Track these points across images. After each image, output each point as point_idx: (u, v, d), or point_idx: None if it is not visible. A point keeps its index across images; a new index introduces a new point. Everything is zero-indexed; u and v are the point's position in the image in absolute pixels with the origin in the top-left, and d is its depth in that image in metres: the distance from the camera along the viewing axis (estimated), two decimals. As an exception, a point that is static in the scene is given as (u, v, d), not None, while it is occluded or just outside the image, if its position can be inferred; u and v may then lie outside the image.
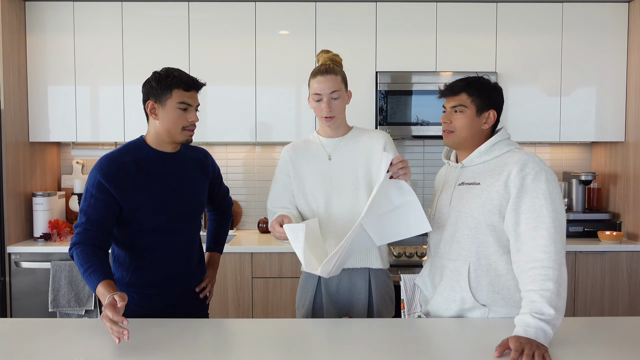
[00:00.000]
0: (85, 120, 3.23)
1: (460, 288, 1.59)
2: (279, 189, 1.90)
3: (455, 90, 1.67)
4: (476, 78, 1.68)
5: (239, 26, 3.22)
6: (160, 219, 1.70)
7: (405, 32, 3.23)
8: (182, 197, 1.76)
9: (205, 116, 3.24)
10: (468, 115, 1.64)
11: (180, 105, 1.68)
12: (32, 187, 3.28)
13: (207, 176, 1.90)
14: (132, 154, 1.71)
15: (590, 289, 3.06)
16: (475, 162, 1.65)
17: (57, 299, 2.92)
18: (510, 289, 1.57)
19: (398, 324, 1.58)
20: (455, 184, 1.68)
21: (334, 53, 1.89)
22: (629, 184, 3.23)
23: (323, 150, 1.88)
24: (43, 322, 1.59)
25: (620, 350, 1.34)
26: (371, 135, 1.88)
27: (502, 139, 1.64)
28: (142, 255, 1.72)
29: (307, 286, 1.88)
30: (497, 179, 1.56)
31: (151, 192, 1.68)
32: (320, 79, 1.79)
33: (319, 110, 1.82)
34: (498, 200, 1.55)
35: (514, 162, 1.55)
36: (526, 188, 1.50)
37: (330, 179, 1.84)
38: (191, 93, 1.71)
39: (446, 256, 1.64)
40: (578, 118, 3.26)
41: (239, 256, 3.01)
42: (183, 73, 1.71)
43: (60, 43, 3.21)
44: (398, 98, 3.18)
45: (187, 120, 1.70)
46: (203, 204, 1.88)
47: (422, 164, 3.64)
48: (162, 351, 1.34)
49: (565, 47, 3.24)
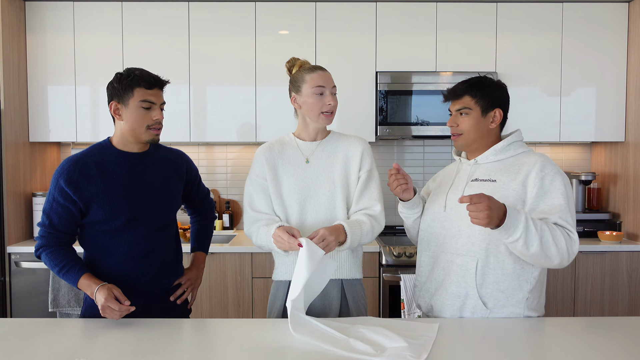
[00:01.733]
0: (85, 120, 3.23)
1: (466, 284, 1.59)
2: (258, 193, 1.79)
3: (458, 93, 1.68)
4: (478, 78, 1.69)
5: (239, 26, 3.22)
6: (120, 219, 1.68)
7: (405, 32, 3.23)
8: (146, 197, 1.72)
9: (205, 116, 3.24)
10: (474, 117, 1.66)
11: (142, 103, 1.67)
12: (32, 187, 3.28)
13: (180, 177, 1.86)
14: (95, 155, 1.71)
15: (590, 289, 3.06)
16: (490, 160, 1.67)
17: (57, 299, 2.92)
18: (514, 288, 1.58)
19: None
20: (467, 179, 1.68)
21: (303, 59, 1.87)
22: (629, 184, 3.23)
23: (300, 153, 1.80)
24: (43, 322, 1.59)
25: (620, 350, 1.34)
26: (349, 141, 1.82)
27: (517, 139, 1.68)
28: (104, 256, 1.71)
29: (278, 294, 1.78)
30: (515, 177, 1.59)
31: (111, 193, 1.67)
32: (320, 73, 1.74)
33: (319, 105, 1.74)
34: (514, 199, 1.57)
35: (532, 162, 1.59)
36: (545, 189, 1.55)
37: (307, 184, 1.76)
38: (154, 91, 1.70)
39: (453, 251, 1.64)
40: (578, 118, 3.26)
41: (239, 256, 3.01)
42: (144, 71, 1.70)
43: (60, 43, 3.21)
44: (398, 98, 3.18)
45: (151, 118, 1.69)
46: (173, 204, 1.83)
47: (422, 164, 3.64)
48: (163, 351, 1.34)
49: (565, 47, 3.24)
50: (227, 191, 3.65)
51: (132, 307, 1.56)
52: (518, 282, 1.58)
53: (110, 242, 1.71)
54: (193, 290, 1.91)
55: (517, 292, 1.58)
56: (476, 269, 1.58)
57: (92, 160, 1.70)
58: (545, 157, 1.62)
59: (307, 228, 1.74)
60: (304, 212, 1.75)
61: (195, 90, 3.24)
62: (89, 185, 1.66)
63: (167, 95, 3.18)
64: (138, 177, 1.73)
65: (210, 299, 3.01)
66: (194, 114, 3.24)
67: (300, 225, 1.75)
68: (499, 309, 1.59)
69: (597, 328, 1.52)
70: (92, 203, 1.66)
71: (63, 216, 1.66)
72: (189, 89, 3.23)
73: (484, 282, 1.59)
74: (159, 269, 1.78)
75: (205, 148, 3.64)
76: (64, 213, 1.66)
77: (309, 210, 1.75)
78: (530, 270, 1.59)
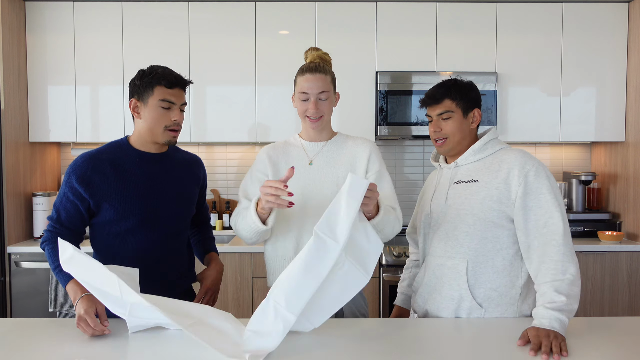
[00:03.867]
0: (85, 120, 3.23)
1: (459, 286, 1.60)
2: (255, 185, 1.73)
3: (438, 97, 1.66)
4: (454, 81, 1.68)
5: (239, 26, 3.22)
6: (130, 221, 1.64)
7: (405, 32, 3.23)
8: (160, 200, 1.68)
9: (205, 116, 3.24)
10: (456, 120, 1.66)
11: (162, 103, 1.60)
12: (32, 187, 3.28)
13: (197, 182, 1.83)
14: (111, 153, 1.66)
15: (590, 289, 3.06)
16: (470, 160, 1.67)
17: (57, 299, 2.92)
18: (506, 285, 1.59)
19: (397, 324, 1.58)
20: (450, 182, 1.68)
21: (323, 51, 1.79)
22: (629, 184, 3.23)
23: (304, 153, 1.76)
24: (43, 322, 1.59)
25: (620, 350, 1.34)
26: (356, 142, 1.77)
27: (493, 137, 1.68)
28: (112, 260, 1.62)
29: None
30: (496, 175, 1.59)
31: (123, 193, 1.63)
32: (309, 77, 1.67)
33: (303, 110, 1.70)
34: (498, 197, 1.57)
35: (512, 160, 1.58)
36: (530, 185, 1.54)
37: (309, 185, 1.70)
38: (175, 90, 1.62)
39: (442, 254, 1.64)
40: (578, 118, 3.26)
41: (239, 256, 3.01)
42: (167, 70, 1.64)
43: (60, 43, 3.21)
44: (398, 98, 3.18)
45: (169, 119, 1.62)
46: (188, 207, 1.78)
47: (422, 164, 3.64)
48: (163, 351, 1.34)
49: (565, 47, 3.24)
50: (227, 191, 3.65)
51: (108, 331, 1.43)
52: (509, 279, 1.59)
53: (119, 246, 1.66)
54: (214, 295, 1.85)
55: (509, 289, 1.59)
56: (467, 269, 1.59)
57: (108, 157, 1.65)
58: (524, 152, 1.61)
59: (308, 232, 1.63)
60: (305, 215, 1.68)
61: (195, 90, 3.24)
62: (102, 183, 1.62)
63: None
64: (153, 179, 1.67)
65: (210, 299, 3.01)
66: (194, 114, 3.24)
67: (300, 228, 1.69)
68: (493, 308, 1.59)
69: (596, 328, 1.52)
70: (103, 202, 1.62)
71: (71, 212, 1.63)
72: (189, 89, 3.22)
73: (476, 282, 1.59)
74: (168, 278, 1.72)
75: (205, 148, 3.64)
76: (72, 209, 1.63)
77: (310, 214, 1.66)
78: (519, 265, 1.60)
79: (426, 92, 1.71)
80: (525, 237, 1.54)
